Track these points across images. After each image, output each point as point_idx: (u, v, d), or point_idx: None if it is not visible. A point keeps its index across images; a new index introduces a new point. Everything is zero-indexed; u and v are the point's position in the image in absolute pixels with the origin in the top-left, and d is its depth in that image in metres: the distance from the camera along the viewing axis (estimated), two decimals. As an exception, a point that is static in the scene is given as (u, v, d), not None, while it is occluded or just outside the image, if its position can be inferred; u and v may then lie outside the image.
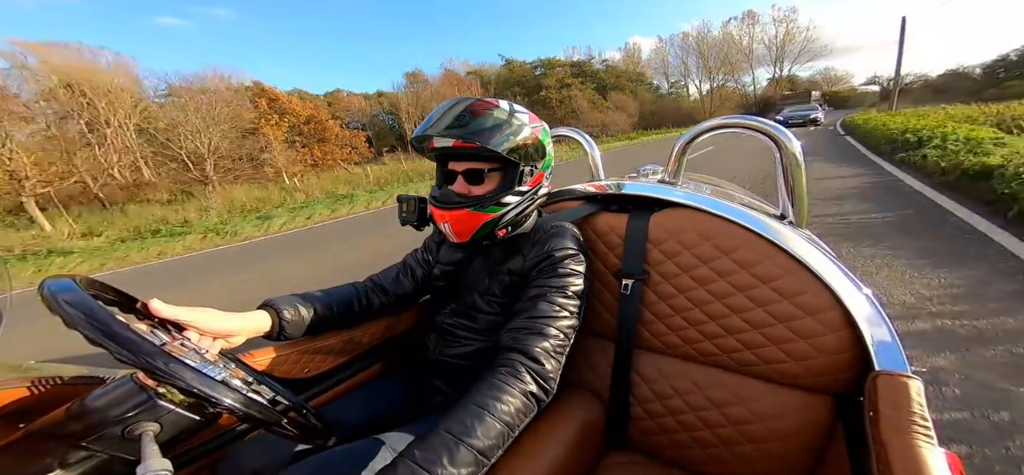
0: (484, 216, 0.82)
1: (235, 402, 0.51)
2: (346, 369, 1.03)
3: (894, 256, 2.91)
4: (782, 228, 0.86)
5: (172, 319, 0.64)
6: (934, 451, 0.51)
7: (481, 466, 0.58)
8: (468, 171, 0.83)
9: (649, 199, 1.03)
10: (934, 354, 1.83)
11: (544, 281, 0.80)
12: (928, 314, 2.15)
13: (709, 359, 0.91)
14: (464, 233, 0.84)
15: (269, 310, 0.82)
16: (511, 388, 0.66)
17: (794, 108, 25.65)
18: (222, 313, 0.71)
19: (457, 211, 0.82)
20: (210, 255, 6.70)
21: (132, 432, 0.51)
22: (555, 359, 0.72)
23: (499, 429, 0.61)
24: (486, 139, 0.75)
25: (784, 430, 0.83)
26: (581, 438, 0.91)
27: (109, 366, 0.64)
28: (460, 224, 0.83)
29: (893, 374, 0.66)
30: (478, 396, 0.64)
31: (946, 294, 2.32)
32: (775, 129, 0.96)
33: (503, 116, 0.79)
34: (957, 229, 3.34)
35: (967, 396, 1.56)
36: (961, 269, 2.59)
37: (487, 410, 0.62)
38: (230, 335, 0.72)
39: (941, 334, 1.97)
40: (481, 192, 0.83)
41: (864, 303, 0.75)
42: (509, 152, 0.78)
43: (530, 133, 0.82)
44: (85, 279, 0.54)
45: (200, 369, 0.51)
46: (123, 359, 0.46)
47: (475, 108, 0.78)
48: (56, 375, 0.65)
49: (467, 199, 0.82)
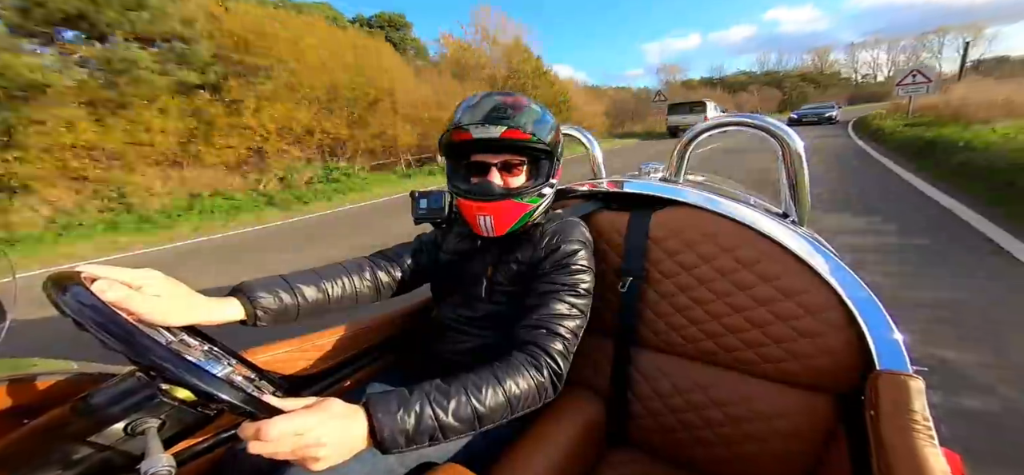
0: (526, 206, 0.85)
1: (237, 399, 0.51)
2: (347, 366, 1.03)
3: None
4: (784, 227, 0.86)
5: (121, 306, 0.54)
6: (935, 451, 0.51)
7: (473, 428, 0.61)
8: (504, 163, 0.85)
9: (650, 197, 1.03)
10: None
11: (557, 277, 0.80)
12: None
13: (710, 357, 0.91)
14: (505, 225, 0.85)
15: (240, 297, 0.74)
16: (529, 375, 0.68)
17: (810, 106, 26.11)
18: (186, 299, 0.64)
19: (501, 203, 0.83)
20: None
21: (136, 428, 0.51)
22: (568, 359, 0.74)
23: (502, 405, 0.64)
24: (537, 130, 0.80)
25: (785, 429, 0.83)
26: (582, 436, 0.91)
27: (114, 362, 0.65)
28: (503, 215, 0.84)
29: (894, 373, 0.65)
30: (499, 369, 0.66)
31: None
32: (778, 128, 0.96)
33: (539, 111, 0.83)
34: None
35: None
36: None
37: (502, 384, 0.64)
38: (191, 325, 0.64)
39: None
40: (517, 184, 0.86)
41: (866, 302, 0.75)
42: (549, 144, 0.82)
43: (557, 128, 0.87)
44: (87, 274, 0.54)
45: (203, 366, 0.52)
46: (126, 355, 0.46)
47: (514, 102, 0.81)
48: (61, 370, 0.66)
49: (510, 190, 0.84)
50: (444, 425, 0.58)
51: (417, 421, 0.56)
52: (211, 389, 0.49)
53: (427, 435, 0.57)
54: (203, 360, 0.57)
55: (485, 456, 0.83)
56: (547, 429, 0.88)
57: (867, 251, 3.25)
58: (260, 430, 0.47)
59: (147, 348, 0.48)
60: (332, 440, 0.51)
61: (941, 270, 2.87)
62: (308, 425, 0.50)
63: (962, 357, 1.87)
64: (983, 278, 2.68)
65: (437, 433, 0.58)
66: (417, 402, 0.57)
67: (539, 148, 0.82)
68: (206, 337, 0.68)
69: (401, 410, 0.56)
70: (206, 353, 0.61)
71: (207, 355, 0.61)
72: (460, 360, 0.91)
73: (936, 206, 4.42)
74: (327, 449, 0.50)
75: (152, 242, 5.71)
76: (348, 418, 0.54)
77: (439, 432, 0.58)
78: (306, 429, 0.49)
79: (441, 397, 0.59)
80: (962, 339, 2.01)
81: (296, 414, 0.50)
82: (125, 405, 0.52)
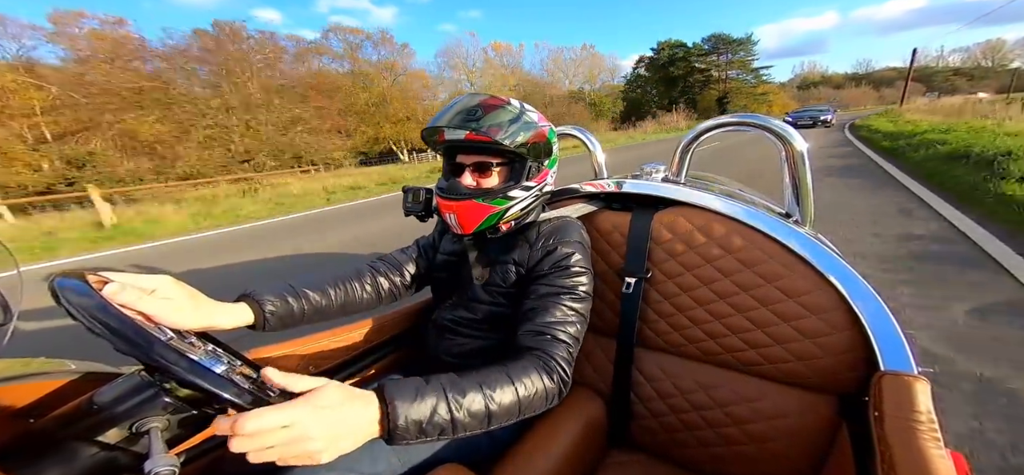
0: (490, 208, 0.84)
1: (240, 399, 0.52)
2: (347, 368, 1.03)
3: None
4: (787, 227, 0.85)
5: (132, 307, 0.54)
6: (940, 453, 0.51)
7: (483, 426, 0.60)
8: (477, 164, 0.85)
9: (652, 197, 1.02)
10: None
11: (556, 280, 0.80)
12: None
13: (712, 358, 0.91)
14: (469, 224, 0.85)
15: (249, 301, 0.76)
16: (541, 380, 0.67)
17: (805, 109, 25.92)
18: (195, 303, 0.65)
19: (463, 202, 0.83)
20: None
21: (140, 427, 0.52)
22: (572, 364, 0.75)
23: (512, 406, 0.63)
24: (497, 133, 0.77)
25: (787, 430, 0.83)
26: (583, 436, 0.91)
27: (118, 362, 0.65)
28: (466, 215, 0.84)
29: (899, 374, 0.65)
30: (512, 371, 0.66)
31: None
32: (780, 128, 0.96)
33: (514, 112, 0.81)
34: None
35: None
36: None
37: (514, 385, 0.64)
38: (200, 329, 0.65)
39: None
40: (488, 185, 0.85)
41: (870, 302, 0.74)
42: (517, 147, 0.80)
43: (538, 130, 0.84)
44: (93, 274, 0.55)
45: (206, 365, 0.52)
46: (130, 354, 0.47)
47: (487, 103, 0.80)
48: (65, 370, 0.66)
49: (474, 191, 0.84)
50: (457, 421, 0.57)
51: (432, 412, 0.55)
52: (213, 388, 0.49)
53: (438, 429, 0.56)
54: (205, 358, 0.57)
55: (487, 456, 0.83)
56: (549, 429, 0.88)
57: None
58: (235, 424, 0.44)
59: (150, 345, 0.48)
60: (323, 432, 0.47)
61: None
62: (294, 417, 0.46)
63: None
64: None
65: (449, 427, 0.57)
66: (434, 393, 0.56)
67: (506, 151, 0.81)
68: (208, 337, 0.68)
69: (418, 399, 0.55)
70: (208, 352, 0.62)
71: (209, 354, 0.61)
72: (461, 361, 0.91)
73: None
74: (319, 442, 0.47)
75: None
76: (353, 403, 0.51)
77: (450, 427, 0.57)
78: (292, 421, 0.46)
79: (457, 392, 0.58)
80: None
81: (279, 406, 0.46)
82: (129, 405, 0.52)
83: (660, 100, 53.16)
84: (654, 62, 54.88)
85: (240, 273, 4.20)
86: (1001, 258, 2.73)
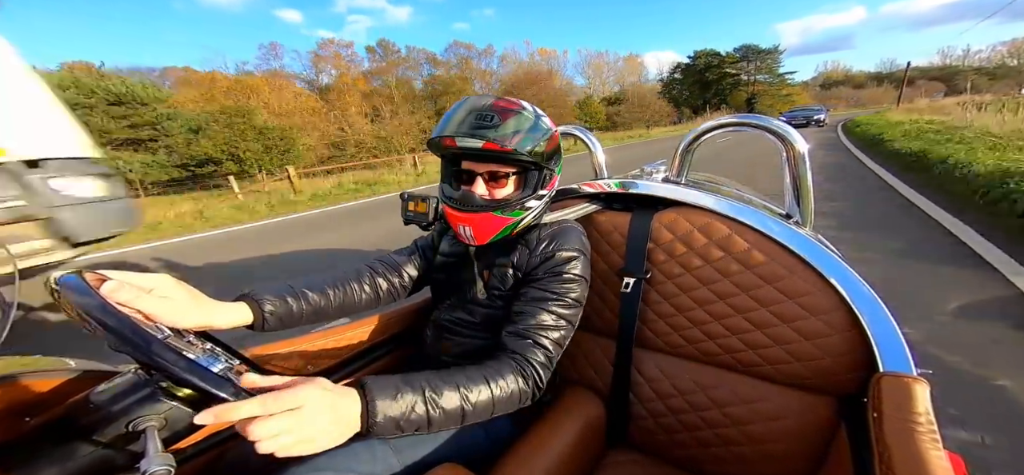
0: (507, 220, 0.82)
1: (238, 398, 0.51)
2: (347, 367, 1.03)
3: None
4: (787, 228, 0.85)
5: (130, 305, 0.54)
6: (939, 454, 0.51)
7: (458, 423, 0.63)
8: (490, 173, 0.81)
9: (652, 198, 1.02)
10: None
11: (548, 284, 0.80)
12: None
13: (711, 359, 0.91)
14: (485, 236, 0.83)
15: (249, 302, 0.76)
16: (516, 382, 0.69)
17: (799, 109, 26.26)
18: (195, 302, 0.65)
19: (480, 214, 0.81)
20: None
21: (136, 426, 0.52)
22: (550, 369, 0.76)
23: (487, 406, 0.66)
24: (519, 142, 0.75)
25: (786, 430, 0.83)
26: (582, 436, 0.91)
27: (115, 360, 0.65)
28: (482, 227, 0.82)
29: (898, 376, 0.65)
30: (489, 372, 0.68)
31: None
32: (781, 128, 0.95)
33: (532, 118, 0.78)
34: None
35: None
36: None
37: (490, 386, 0.66)
38: (199, 328, 0.65)
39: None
40: (504, 195, 0.83)
41: (870, 303, 0.74)
42: (533, 155, 0.77)
43: (551, 136, 0.81)
44: (91, 272, 0.54)
45: (203, 364, 0.52)
46: (127, 352, 0.46)
47: (501, 107, 0.76)
48: (62, 368, 0.66)
49: (490, 203, 0.81)
50: (432, 418, 0.60)
51: (409, 410, 0.58)
52: (211, 386, 0.49)
53: (414, 425, 0.59)
54: (203, 357, 0.57)
55: (485, 455, 0.83)
56: (548, 429, 0.88)
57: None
58: (219, 414, 0.44)
59: (147, 344, 0.48)
60: (324, 417, 0.50)
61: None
62: (305, 398, 0.48)
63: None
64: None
65: (424, 424, 0.60)
66: (412, 392, 0.59)
67: (524, 160, 0.78)
68: (207, 336, 0.68)
69: (397, 397, 0.57)
70: (206, 351, 0.61)
71: (207, 353, 0.61)
72: (460, 361, 0.91)
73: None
74: (319, 426, 0.49)
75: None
76: (343, 397, 0.53)
77: (426, 424, 0.60)
78: (304, 401, 0.48)
79: (434, 392, 0.61)
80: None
81: (265, 395, 0.47)
82: (125, 404, 0.52)
83: (692, 100, 60.22)
84: (690, 68, 62.17)
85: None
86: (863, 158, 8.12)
